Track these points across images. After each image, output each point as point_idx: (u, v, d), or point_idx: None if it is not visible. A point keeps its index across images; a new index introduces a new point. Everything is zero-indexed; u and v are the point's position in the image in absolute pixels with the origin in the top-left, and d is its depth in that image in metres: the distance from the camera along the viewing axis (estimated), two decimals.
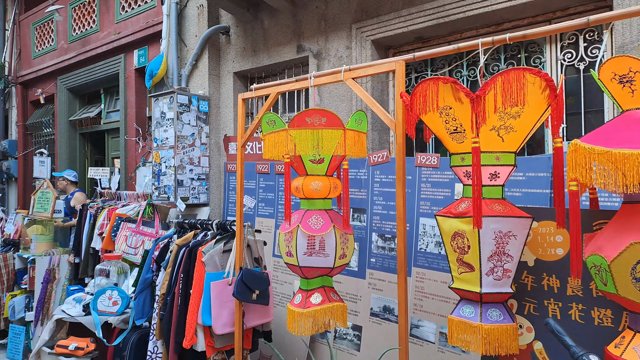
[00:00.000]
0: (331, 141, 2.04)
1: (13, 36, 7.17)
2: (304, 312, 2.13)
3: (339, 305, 2.22)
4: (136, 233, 3.92)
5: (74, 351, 3.24)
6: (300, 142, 2.05)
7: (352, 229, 2.25)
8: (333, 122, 2.08)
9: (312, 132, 2.05)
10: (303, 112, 2.08)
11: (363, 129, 2.18)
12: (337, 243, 2.10)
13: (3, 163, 7.21)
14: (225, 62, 4.28)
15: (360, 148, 2.16)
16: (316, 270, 2.15)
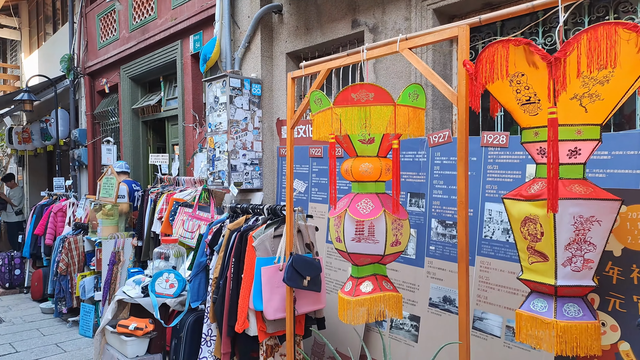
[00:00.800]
0: (380, 119, 1.87)
1: (80, 29, 7.50)
2: (352, 301, 2.01)
3: (392, 295, 2.07)
4: (192, 217, 3.95)
5: (133, 331, 3.32)
6: (347, 121, 1.90)
7: (406, 213, 2.07)
8: (382, 98, 1.90)
9: (359, 109, 1.88)
10: (348, 87, 1.92)
11: (420, 105, 1.98)
12: (388, 229, 1.94)
13: (74, 151, 7.62)
14: (277, 43, 4.18)
15: (417, 126, 1.97)
16: (365, 257, 2.01)
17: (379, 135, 1.99)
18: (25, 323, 5.35)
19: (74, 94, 7.77)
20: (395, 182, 1.96)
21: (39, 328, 5.17)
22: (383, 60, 3.39)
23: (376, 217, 1.93)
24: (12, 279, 6.79)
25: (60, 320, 5.40)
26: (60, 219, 6.17)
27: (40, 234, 6.25)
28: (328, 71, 2.49)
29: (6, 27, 11.45)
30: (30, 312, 5.78)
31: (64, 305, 5.33)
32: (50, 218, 6.14)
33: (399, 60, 3.29)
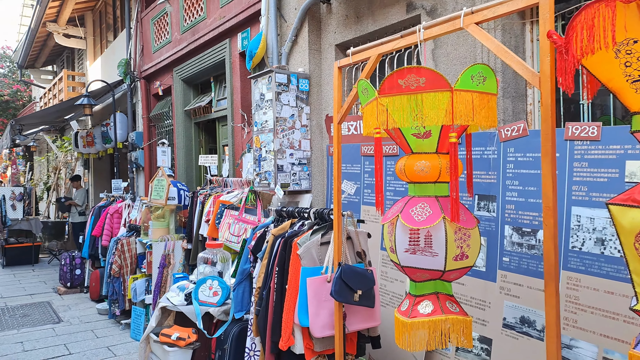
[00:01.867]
0: (434, 108, 1.54)
1: (136, 33, 7.62)
2: (408, 323, 1.69)
3: (458, 319, 1.72)
4: (239, 220, 3.76)
5: (176, 341, 3.17)
6: (395, 112, 1.59)
7: (475, 221, 1.72)
8: (435, 83, 1.56)
9: (408, 97, 1.57)
10: (394, 72, 1.60)
11: (488, 89, 1.62)
12: (450, 239, 1.60)
13: (132, 153, 7.76)
14: (326, 34, 3.91)
15: (486, 115, 1.61)
16: (423, 273, 1.68)
17: (436, 128, 1.66)
18: (81, 324, 5.43)
19: (131, 97, 7.92)
20: (453, 182, 1.62)
21: (93, 329, 5.21)
22: (443, 45, 3.02)
23: (433, 225, 1.60)
24: (73, 278, 6.99)
25: (114, 322, 5.43)
26: (117, 221, 6.25)
27: (97, 235, 6.36)
28: (379, 57, 2.18)
29: (73, 37, 12.00)
30: (87, 313, 5.88)
31: (117, 307, 5.35)
32: (107, 219, 6.24)
33: (462, 44, 2.91)
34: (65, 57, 14.43)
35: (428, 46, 3.16)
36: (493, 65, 2.78)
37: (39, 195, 13.19)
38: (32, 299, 6.60)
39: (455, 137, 1.58)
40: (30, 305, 6.28)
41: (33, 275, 8.38)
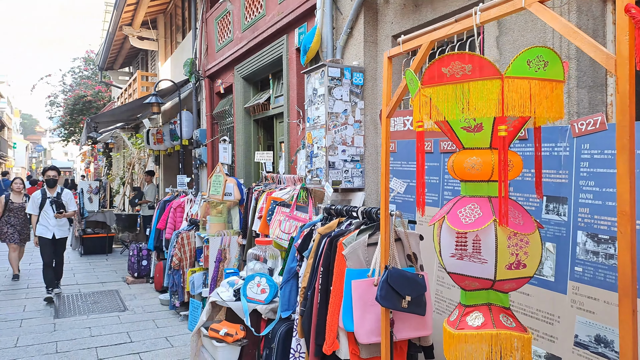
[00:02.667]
0: (482, 98, 1.36)
1: (201, 33, 7.84)
2: (455, 335, 1.51)
3: (513, 336, 1.52)
4: (289, 218, 3.70)
5: (223, 337, 3.17)
6: (440, 104, 1.42)
7: (534, 226, 1.50)
8: (484, 70, 1.38)
9: (454, 87, 1.40)
10: (437, 60, 1.43)
11: (552, 75, 1.41)
12: (501, 245, 1.41)
13: (196, 150, 8.01)
14: (382, 25, 3.75)
15: (550, 106, 1.40)
16: (471, 281, 1.50)
17: (488, 120, 1.47)
18: (144, 313, 5.66)
19: (196, 96, 8.17)
20: (502, 183, 1.42)
21: (154, 319, 5.41)
22: (508, 31, 2.76)
23: (482, 229, 1.41)
24: (139, 269, 7.33)
25: (174, 313, 5.61)
26: (179, 215, 6.46)
27: (162, 228, 6.61)
28: (431, 45, 2.00)
29: (146, 40, 12.64)
30: (151, 303, 6.13)
31: (177, 299, 5.52)
32: (171, 213, 6.46)
33: (530, 29, 2.64)
34: (140, 58, 15.27)
35: (492, 33, 2.92)
36: (566, 51, 2.50)
37: (115, 189, 14.06)
38: (103, 287, 7.00)
39: (505, 130, 1.38)
40: (101, 292, 6.66)
41: (106, 264, 8.91)
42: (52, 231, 6.30)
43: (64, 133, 20.91)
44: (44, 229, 6.28)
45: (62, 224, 6.43)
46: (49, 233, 6.28)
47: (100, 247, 9.87)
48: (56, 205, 6.27)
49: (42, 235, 6.26)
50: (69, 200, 6.51)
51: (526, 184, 2.49)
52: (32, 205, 6.40)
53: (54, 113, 21.15)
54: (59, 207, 6.27)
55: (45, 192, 6.41)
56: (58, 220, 6.34)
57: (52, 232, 6.30)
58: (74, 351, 4.42)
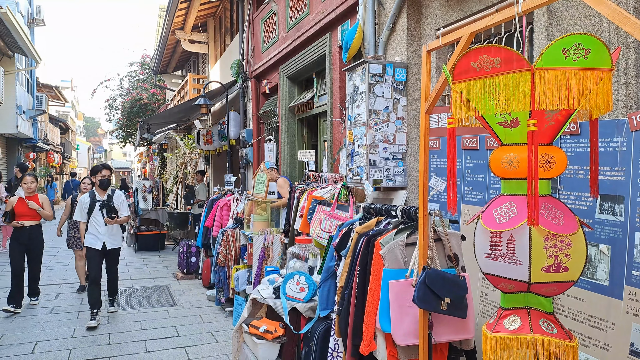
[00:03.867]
0: (512, 92, 1.28)
1: (248, 35, 7.98)
2: (490, 338, 1.43)
3: (553, 342, 1.41)
4: (330, 217, 3.68)
5: (263, 333, 3.19)
6: (472, 99, 1.35)
7: (577, 225, 1.39)
8: (513, 62, 1.31)
9: (484, 82, 1.33)
10: (465, 54, 1.37)
11: (596, 64, 1.29)
12: (536, 246, 1.32)
13: (242, 150, 8.16)
14: (426, 19, 3.64)
15: (594, 97, 1.29)
16: (508, 283, 1.41)
17: (524, 114, 1.39)
18: (191, 308, 5.82)
19: (243, 96, 8.32)
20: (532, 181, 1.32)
21: (201, 315, 5.55)
22: (560, 20, 2.60)
23: (516, 229, 1.32)
24: (189, 265, 7.55)
25: (220, 309, 5.73)
26: (226, 213, 6.60)
27: (209, 226, 6.78)
28: (471, 37, 1.91)
29: (197, 43, 13.03)
30: (198, 298, 6.29)
31: (223, 295, 5.63)
32: (218, 212, 6.62)
33: (584, 17, 2.47)
34: (192, 61, 15.77)
35: (542, 23, 2.76)
36: (624, 39, 2.32)
37: (169, 188, 14.60)
38: (154, 282, 7.27)
39: (535, 125, 1.29)
40: (152, 288, 6.92)
41: (158, 260, 9.26)
42: (101, 240, 5.30)
43: (121, 135, 21.97)
44: (93, 238, 5.30)
45: (114, 232, 5.43)
46: (98, 243, 5.29)
47: (153, 244, 10.27)
48: (107, 209, 5.32)
49: (90, 245, 5.27)
50: (121, 203, 5.51)
51: (578, 182, 2.33)
52: (79, 210, 5.39)
53: (113, 116, 22.27)
54: (110, 211, 5.32)
55: (94, 195, 5.40)
56: (109, 228, 5.35)
57: (101, 242, 5.30)
58: (124, 343, 4.61)
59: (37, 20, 19.13)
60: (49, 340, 4.68)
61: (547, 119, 1.36)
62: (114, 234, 5.45)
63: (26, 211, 5.79)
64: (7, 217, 5.69)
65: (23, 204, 5.80)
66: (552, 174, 1.39)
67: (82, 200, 5.44)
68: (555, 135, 1.47)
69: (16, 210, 5.76)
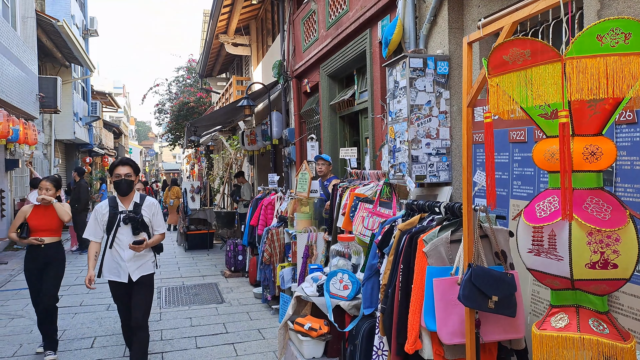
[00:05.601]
0: (544, 83, 1.23)
1: (289, 35, 8.04)
2: (536, 335, 1.38)
3: (602, 343, 1.33)
4: (373, 214, 3.65)
5: (308, 331, 3.21)
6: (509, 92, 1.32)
7: (626, 219, 1.30)
8: (542, 53, 1.28)
9: (517, 75, 1.30)
10: (496, 48, 1.34)
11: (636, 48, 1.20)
12: (577, 241, 1.26)
13: (285, 149, 8.25)
14: (469, 10, 3.54)
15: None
16: (552, 279, 1.36)
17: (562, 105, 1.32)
18: (239, 305, 5.95)
19: (285, 96, 8.41)
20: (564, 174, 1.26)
21: (248, 312, 5.66)
22: (612, 3, 2.46)
23: (555, 223, 1.26)
24: (236, 263, 7.72)
25: (266, 307, 5.82)
26: (270, 212, 6.69)
27: (254, 224, 6.90)
28: (513, 27, 1.83)
29: (240, 46, 13.29)
30: (245, 296, 6.42)
31: (269, 293, 5.71)
32: (262, 210, 6.71)
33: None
34: (235, 64, 16.09)
35: (593, 7, 2.62)
36: None
37: (216, 188, 14.98)
38: (204, 280, 7.48)
39: (566, 117, 1.23)
40: (201, 285, 7.13)
41: (207, 259, 9.52)
42: (126, 271, 3.65)
43: (171, 138, 22.74)
44: (115, 266, 3.68)
45: (143, 260, 3.75)
46: (121, 274, 3.66)
47: (202, 242, 10.58)
48: (132, 224, 3.64)
49: (112, 278, 3.71)
50: (153, 215, 3.80)
51: (636, 174, 2.20)
52: (93, 224, 3.71)
53: (162, 120, 23.09)
54: (136, 227, 3.65)
55: (115, 203, 3.71)
56: (136, 253, 3.67)
57: (126, 273, 3.66)
58: (176, 339, 4.77)
59: (91, 31, 20.13)
60: (106, 336, 4.92)
61: (590, 108, 1.29)
62: (142, 256, 3.74)
63: (43, 223, 4.38)
64: (24, 232, 4.30)
65: (39, 214, 4.40)
66: (599, 166, 1.31)
67: (99, 209, 3.74)
68: (604, 125, 1.38)
69: (31, 222, 4.35)
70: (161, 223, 3.90)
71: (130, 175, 3.70)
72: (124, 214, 3.68)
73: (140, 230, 3.70)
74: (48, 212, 4.43)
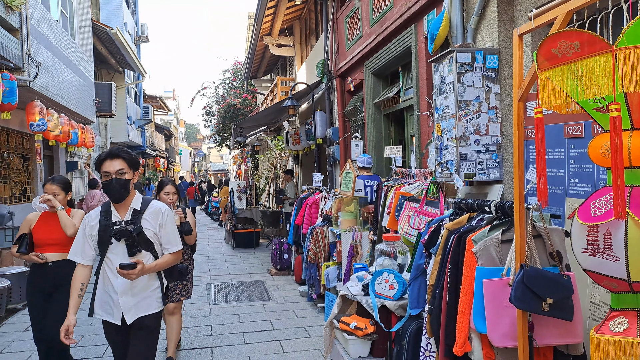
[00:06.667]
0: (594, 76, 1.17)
1: (332, 34, 8.05)
2: (594, 339, 1.31)
3: None
4: (419, 213, 3.59)
5: (353, 330, 3.19)
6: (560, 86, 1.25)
7: None
8: (592, 45, 1.22)
9: (567, 68, 1.25)
10: (544, 41, 1.28)
11: None
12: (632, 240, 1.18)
13: (329, 148, 8.26)
14: (520, 1, 3.40)
15: None
16: (609, 280, 1.29)
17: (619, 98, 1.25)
18: (285, 303, 6.01)
19: (328, 95, 8.42)
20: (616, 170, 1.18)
21: (294, 310, 5.71)
22: None
23: (610, 221, 1.19)
24: (281, 262, 7.81)
25: (312, 305, 5.85)
26: (315, 211, 6.72)
27: (299, 223, 6.95)
28: (568, 17, 1.74)
29: (284, 47, 13.43)
30: (291, 294, 6.48)
31: (314, 291, 5.74)
32: (307, 210, 6.76)
33: None
34: (280, 65, 16.29)
35: None
36: None
37: (261, 188, 15.23)
38: (250, 278, 7.62)
39: (617, 110, 1.15)
40: (248, 283, 7.26)
41: (254, 257, 9.70)
42: (119, 308, 2.63)
43: (218, 139, 23.34)
44: (106, 299, 2.67)
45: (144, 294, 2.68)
46: (114, 312, 2.64)
47: (248, 241, 10.78)
48: (126, 240, 2.61)
49: (103, 317, 2.68)
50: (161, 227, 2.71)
51: None
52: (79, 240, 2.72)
53: (210, 122, 23.73)
54: (132, 244, 2.62)
55: (108, 212, 2.70)
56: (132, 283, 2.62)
57: (119, 312, 2.63)
58: (225, 335, 4.89)
59: (142, 38, 20.97)
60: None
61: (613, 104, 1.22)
62: (143, 287, 2.68)
63: (49, 237, 3.44)
64: (23, 245, 3.38)
65: (45, 224, 3.48)
66: None
67: (88, 218, 2.74)
68: None
69: (35, 234, 3.46)
70: (174, 238, 2.71)
71: (123, 171, 2.60)
72: (120, 227, 2.61)
73: (138, 249, 2.62)
74: (57, 222, 3.42)
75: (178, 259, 2.78)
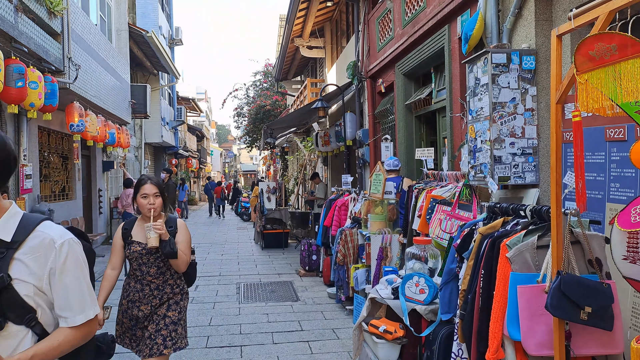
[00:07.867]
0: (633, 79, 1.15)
1: (363, 35, 8.02)
2: (634, 349, 1.26)
3: None
4: (451, 217, 3.53)
5: (383, 333, 3.17)
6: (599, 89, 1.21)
7: None
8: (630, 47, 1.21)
9: (605, 70, 1.21)
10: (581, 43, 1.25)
11: None
12: None
13: (359, 150, 8.22)
14: (558, 0, 3.31)
15: None
16: None
17: None
18: (313, 304, 6.02)
19: (359, 97, 8.39)
20: None
21: (322, 311, 5.71)
22: None
23: None
24: (310, 263, 7.83)
25: (340, 307, 5.84)
26: (344, 213, 6.71)
27: (328, 225, 6.95)
28: (610, 17, 1.68)
29: (315, 48, 13.48)
30: (320, 295, 6.49)
31: (343, 293, 5.72)
32: (336, 211, 6.75)
33: None
34: (310, 67, 16.35)
35: None
36: None
37: (290, 189, 15.32)
38: (279, 278, 7.67)
39: None
40: (277, 283, 7.31)
41: (282, 257, 9.75)
42: None
43: (248, 140, 23.62)
44: None
45: None
46: None
47: (277, 241, 10.86)
48: None
49: None
50: (53, 274, 1.38)
51: None
52: None
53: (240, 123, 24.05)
54: None
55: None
56: None
57: None
58: (254, 334, 4.93)
59: (176, 41, 21.44)
60: (189, 327, 5.19)
61: None
62: None
63: None
64: None
65: None
66: None
67: None
68: None
69: None
70: (79, 296, 1.46)
71: None
72: None
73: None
74: None
75: (87, 336, 1.51)
